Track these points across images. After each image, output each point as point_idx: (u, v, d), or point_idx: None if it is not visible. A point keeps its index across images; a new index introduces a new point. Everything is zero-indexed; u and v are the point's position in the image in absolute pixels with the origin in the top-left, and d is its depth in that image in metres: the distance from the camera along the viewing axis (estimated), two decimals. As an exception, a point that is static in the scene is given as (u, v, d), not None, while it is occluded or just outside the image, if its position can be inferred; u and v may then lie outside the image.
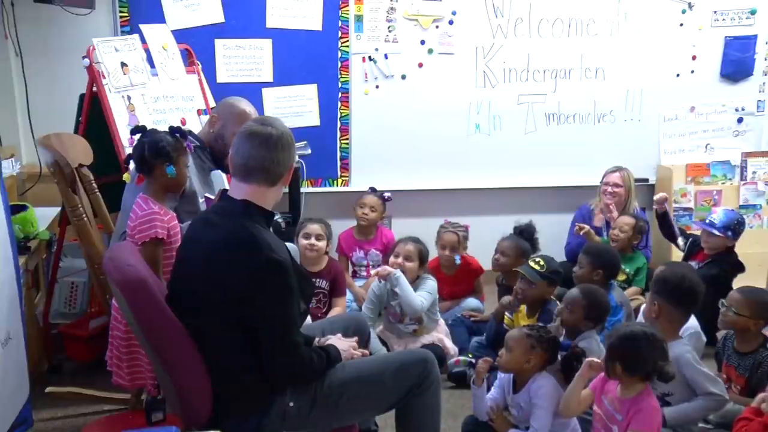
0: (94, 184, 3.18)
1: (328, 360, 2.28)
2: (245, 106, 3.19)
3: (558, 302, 3.33)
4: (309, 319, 3.42)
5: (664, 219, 4.21)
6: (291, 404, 2.20)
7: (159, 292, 2.16)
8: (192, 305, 2.14)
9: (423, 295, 3.56)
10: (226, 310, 2.10)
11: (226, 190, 2.31)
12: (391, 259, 3.63)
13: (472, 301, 4.11)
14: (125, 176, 2.86)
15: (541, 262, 3.33)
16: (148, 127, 2.75)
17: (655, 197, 4.24)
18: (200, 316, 2.13)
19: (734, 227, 3.81)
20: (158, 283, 2.25)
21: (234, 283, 2.07)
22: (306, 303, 2.30)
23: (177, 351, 2.13)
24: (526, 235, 3.97)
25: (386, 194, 4.56)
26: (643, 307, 3.25)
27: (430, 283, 3.65)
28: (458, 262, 4.10)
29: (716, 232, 3.79)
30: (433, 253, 4.13)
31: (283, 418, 2.19)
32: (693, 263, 4.01)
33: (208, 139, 3.18)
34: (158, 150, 2.58)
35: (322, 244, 3.92)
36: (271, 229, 2.30)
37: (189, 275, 2.19)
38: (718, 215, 3.85)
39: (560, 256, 4.53)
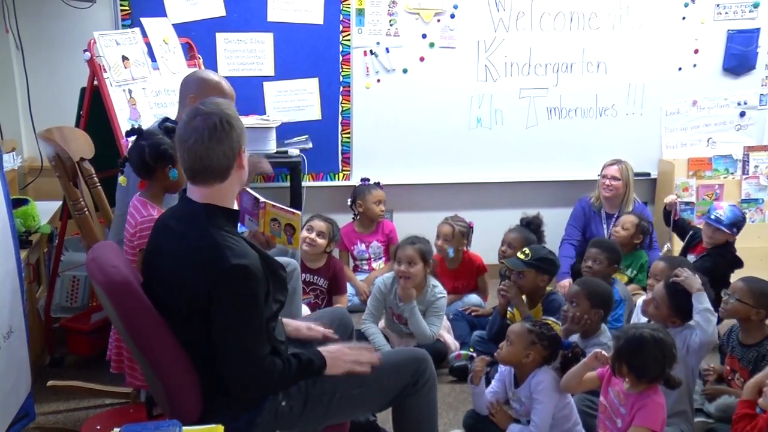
0: (96, 178, 3.18)
1: (307, 367, 2.16)
2: (209, 76, 3.03)
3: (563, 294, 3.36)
4: (307, 310, 3.44)
5: (669, 215, 4.24)
6: (283, 403, 2.16)
7: (143, 293, 2.11)
8: (167, 313, 2.09)
9: (433, 321, 3.56)
10: (200, 318, 2.03)
11: (185, 189, 2.16)
12: (395, 266, 3.57)
13: (473, 297, 4.11)
14: (121, 179, 2.80)
15: (527, 251, 3.38)
16: (148, 123, 2.72)
17: (666, 200, 4.29)
18: (177, 324, 2.09)
19: (739, 224, 3.82)
20: (140, 281, 2.22)
21: (199, 291, 1.99)
22: (281, 297, 2.23)
23: (163, 351, 2.09)
24: (532, 227, 3.99)
25: (379, 182, 4.62)
26: (640, 300, 3.27)
27: (440, 303, 3.60)
28: (451, 255, 4.05)
29: (724, 229, 3.79)
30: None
31: (275, 417, 2.17)
32: (691, 256, 4.02)
33: None
34: (160, 153, 2.52)
35: (322, 241, 3.93)
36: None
37: (158, 283, 2.13)
38: (724, 212, 3.83)
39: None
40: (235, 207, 2.18)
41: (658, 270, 3.42)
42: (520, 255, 3.39)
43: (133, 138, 2.61)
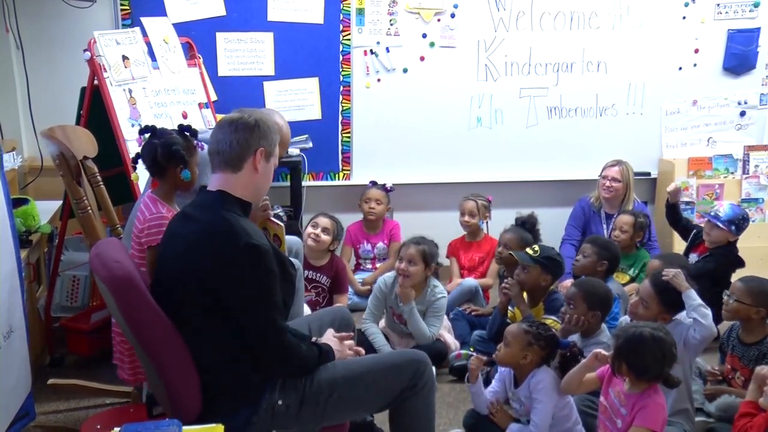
0: (99, 177, 3.18)
1: (320, 355, 2.25)
2: (277, 119, 3.08)
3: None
4: (307, 308, 3.44)
5: (673, 210, 4.19)
6: (280, 402, 2.18)
7: (146, 288, 2.13)
8: (176, 301, 2.12)
9: (433, 321, 3.55)
10: (209, 302, 2.08)
11: (205, 186, 2.25)
12: (396, 263, 3.58)
13: (470, 281, 4.13)
14: (133, 176, 2.80)
15: (536, 248, 3.42)
16: (152, 123, 2.70)
17: (669, 188, 4.20)
18: (184, 311, 2.11)
19: (738, 222, 3.78)
20: (145, 279, 2.23)
21: (212, 273, 2.05)
22: (287, 299, 2.25)
23: (165, 346, 2.11)
24: (527, 226, 3.97)
25: (388, 185, 4.61)
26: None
27: (441, 303, 3.58)
28: (482, 226, 4.40)
29: (720, 225, 3.77)
30: (454, 233, 4.28)
31: (272, 416, 2.18)
32: (693, 255, 4.01)
33: None
34: (172, 154, 2.49)
35: (326, 237, 3.94)
36: None
37: (170, 271, 2.17)
38: (724, 208, 3.81)
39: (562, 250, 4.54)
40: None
41: (653, 268, 3.43)
42: (529, 251, 3.42)
43: (147, 136, 2.59)
